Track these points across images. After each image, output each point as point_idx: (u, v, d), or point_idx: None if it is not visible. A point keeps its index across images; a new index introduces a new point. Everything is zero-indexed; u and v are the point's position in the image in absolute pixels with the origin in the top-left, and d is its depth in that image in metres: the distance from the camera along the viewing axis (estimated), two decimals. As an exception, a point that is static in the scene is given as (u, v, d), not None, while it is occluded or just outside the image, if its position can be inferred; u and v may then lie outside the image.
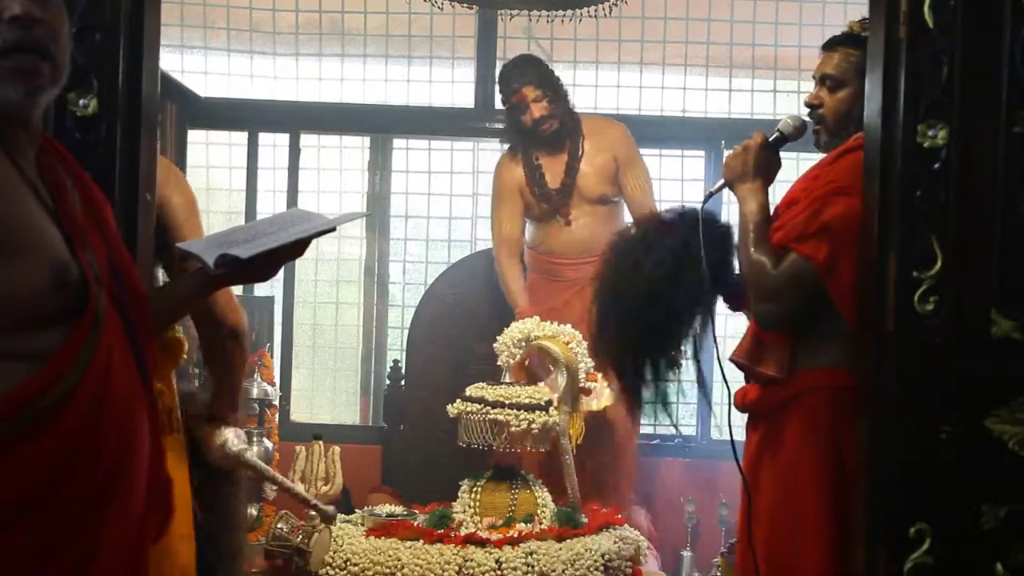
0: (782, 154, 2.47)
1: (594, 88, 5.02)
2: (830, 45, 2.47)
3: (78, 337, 1.54)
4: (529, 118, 4.23)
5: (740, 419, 2.49)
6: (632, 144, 4.40)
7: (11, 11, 1.49)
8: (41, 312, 1.52)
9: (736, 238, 2.43)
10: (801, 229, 2.28)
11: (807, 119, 2.47)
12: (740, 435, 2.45)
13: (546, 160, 4.32)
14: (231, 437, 2.60)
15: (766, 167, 2.42)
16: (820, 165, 2.43)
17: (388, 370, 4.69)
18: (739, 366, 2.46)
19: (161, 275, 2.49)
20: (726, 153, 2.53)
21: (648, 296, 2.41)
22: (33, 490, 1.48)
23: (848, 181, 2.27)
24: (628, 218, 4.42)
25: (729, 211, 4.80)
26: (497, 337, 3.84)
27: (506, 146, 4.48)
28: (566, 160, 4.30)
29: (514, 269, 4.39)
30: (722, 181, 2.46)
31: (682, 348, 2.45)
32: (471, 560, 3.32)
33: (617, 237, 2.61)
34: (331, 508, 3.16)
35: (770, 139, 2.44)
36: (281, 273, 2.10)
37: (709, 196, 2.51)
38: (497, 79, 4.38)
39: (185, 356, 2.56)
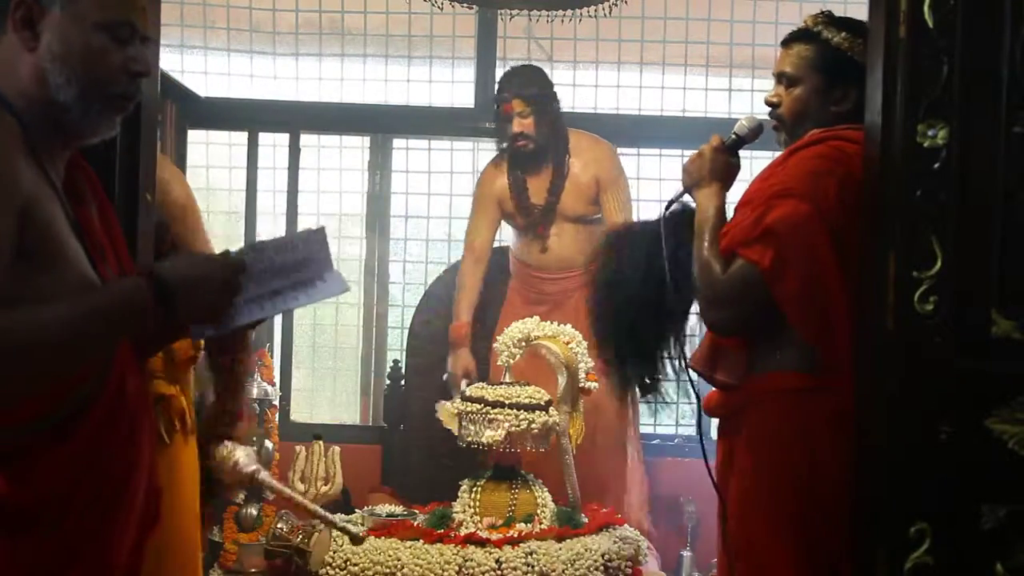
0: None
1: (594, 88, 5.01)
2: (786, 41, 2.43)
3: None
4: (509, 131, 4.22)
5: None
6: (617, 165, 4.36)
7: (139, 68, 1.60)
8: None
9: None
10: (747, 233, 2.23)
11: (765, 119, 2.42)
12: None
13: (530, 175, 4.30)
14: (242, 457, 2.57)
15: (723, 170, 2.37)
16: (773, 165, 2.38)
17: (388, 370, 4.69)
18: (698, 373, 2.42)
19: None
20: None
21: (624, 297, 2.45)
22: (52, 494, 1.50)
23: (794, 182, 2.22)
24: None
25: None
26: (497, 337, 3.84)
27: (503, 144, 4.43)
28: (550, 178, 4.27)
29: (472, 280, 4.36)
30: (682, 188, 2.42)
31: (660, 353, 2.46)
32: (471, 560, 3.32)
33: (608, 237, 2.64)
34: (358, 529, 3.19)
35: (727, 142, 2.40)
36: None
37: (671, 203, 2.49)
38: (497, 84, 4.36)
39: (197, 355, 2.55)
